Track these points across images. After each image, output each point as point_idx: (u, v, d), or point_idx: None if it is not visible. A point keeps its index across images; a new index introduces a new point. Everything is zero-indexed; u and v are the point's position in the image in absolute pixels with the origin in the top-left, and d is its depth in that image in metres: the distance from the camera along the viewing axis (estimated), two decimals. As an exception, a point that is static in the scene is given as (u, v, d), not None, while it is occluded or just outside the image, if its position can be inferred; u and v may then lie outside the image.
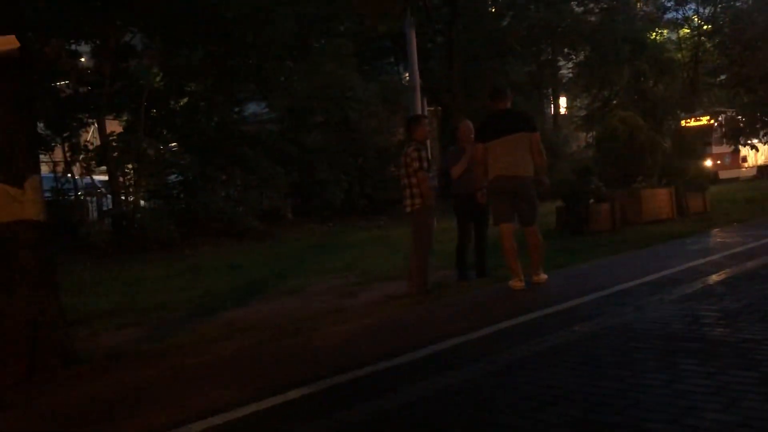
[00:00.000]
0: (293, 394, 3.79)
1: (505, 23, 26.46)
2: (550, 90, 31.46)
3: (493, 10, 26.92)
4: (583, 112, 32.05)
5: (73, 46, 16.36)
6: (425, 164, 6.68)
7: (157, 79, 17.36)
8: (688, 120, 25.93)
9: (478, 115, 7.34)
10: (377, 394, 3.70)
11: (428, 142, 8.49)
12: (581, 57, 29.52)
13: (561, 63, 31.19)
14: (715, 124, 25.33)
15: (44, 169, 15.73)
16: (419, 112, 14.47)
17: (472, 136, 7.25)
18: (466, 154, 7.12)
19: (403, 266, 7.26)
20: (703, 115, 25.68)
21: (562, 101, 34.55)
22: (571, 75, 31.55)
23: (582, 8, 28.38)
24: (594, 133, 24.83)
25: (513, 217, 6.60)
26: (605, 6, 27.90)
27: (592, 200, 11.54)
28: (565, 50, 29.57)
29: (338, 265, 9.48)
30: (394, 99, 21.39)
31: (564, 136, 29.28)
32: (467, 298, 6.55)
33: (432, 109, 21.12)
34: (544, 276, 6.70)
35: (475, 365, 4.08)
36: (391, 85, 23.18)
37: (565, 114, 34.64)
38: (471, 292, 6.82)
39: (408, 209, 6.72)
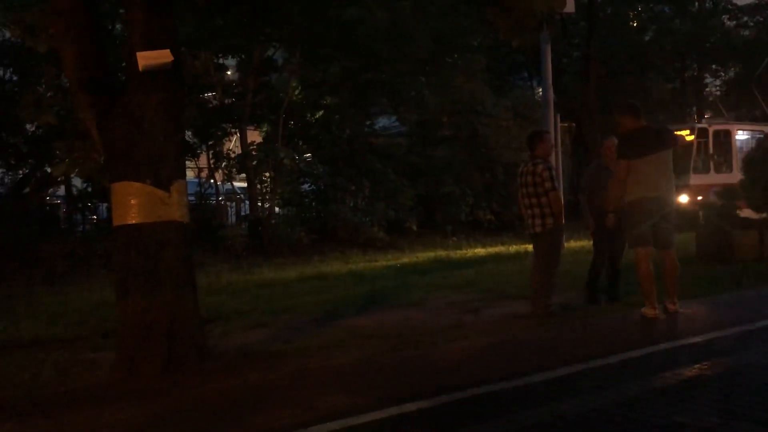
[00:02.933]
0: (410, 406, 3.80)
1: (647, 38, 25.31)
2: (693, 108, 29.73)
3: (635, 24, 25.84)
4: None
5: (220, 60, 17.44)
6: (556, 183, 6.49)
7: (296, 92, 18.13)
8: None
9: (616, 132, 7.04)
10: (495, 414, 3.64)
11: (552, 158, 8.24)
12: (730, 74, 27.64)
13: (708, 80, 29.37)
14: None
15: (189, 175, 16.85)
16: (551, 127, 14.12)
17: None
18: (618, 173, 6.59)
19: (526, 285, 7.10)
20: (682, 130, 18.32)
21: (707, 120, 32.48)
22: (718, 92, 29.63)
23: (734, 22, 26.59)
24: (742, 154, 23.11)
25: (651, 240, 6.26)
26: (761, 19, 25.99)
27: (737, 227, 10.73)
28: (713, 66, 27.82)
29: (460, 280, 9.42)
30: (525, 114, 21.03)
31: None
32: (595, 323, 6.29)
33: (565, 125, 20.58)
34: (678, 305, 6.31)
35: (599, 394, 3.90)
36: (523, 100, 22.80)
37: (710, 133, 32.52)
38: (600, 316, 6.54)
39: (538, 229, 6.52)
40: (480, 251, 14.23)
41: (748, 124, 20.64)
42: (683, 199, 17.42)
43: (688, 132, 18.51)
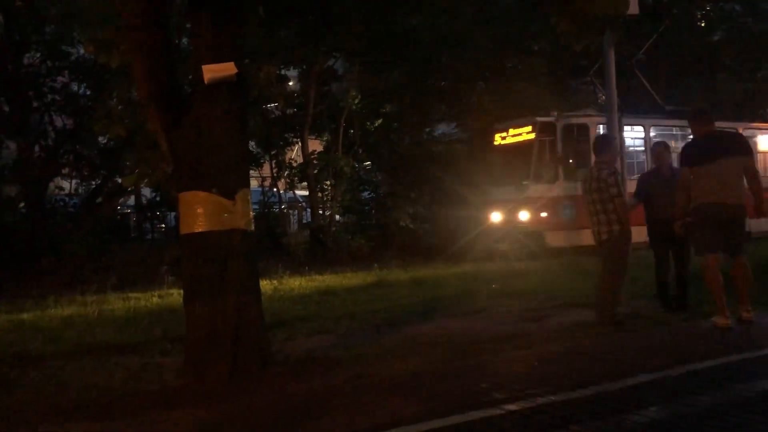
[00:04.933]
0: (474, 415, 3.77)
1: (716, 38, 24.48)
2: (767, 109, 28.53)
3: (703, 24, 25.02)
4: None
5: (282, 71, 17.79)
6: (622, 189, 6.36)
7: (356, 101, 18.32)
8: (504, 133, 15.54)
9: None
10: (559, 424, 3.57)
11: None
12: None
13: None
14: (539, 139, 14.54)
15: (253, 184, 17.25)
16: (616, 132, 13.79)
17: (668, 158, 7.00)
18: (681, 181, 6.34)
19: (591, 293, 6.95)
20: (523, 126, 15.04)
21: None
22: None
23: (810, 18, 25.42)
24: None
25: (719, 247, 6.05)
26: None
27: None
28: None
29: (524, 288, 9.28)
30: (588, 119, 20.64)
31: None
32: (662, 333, 6.10)
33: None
34: (753, 313, 6.06)
35: (668, 406, 3.78)
36: (587, 104, 22.36)
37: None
38: (668, 325, 6.35)
39: (604, 236, 6.39)
40: (544, 258, 13.98)
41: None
42: (523, 216, 14.16)
43: (529, 129, 14.80)
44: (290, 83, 18.77)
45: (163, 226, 19.55)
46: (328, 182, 17.73)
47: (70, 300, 10.09)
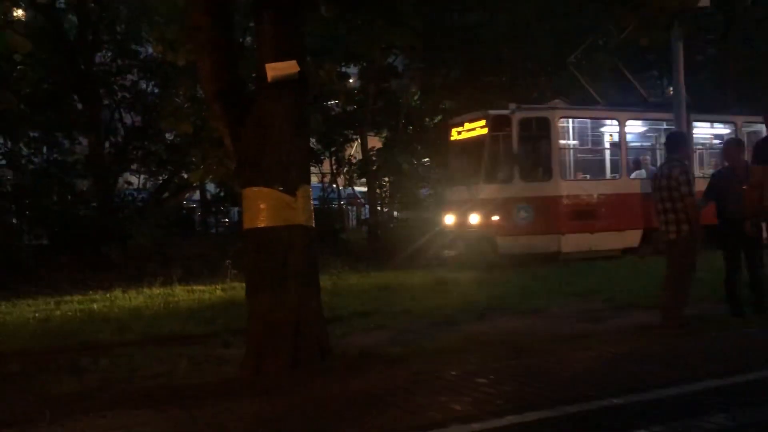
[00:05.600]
0: (531, 416, 3.73)
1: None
2: None
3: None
4: None
5: (343, 68, 17.94)
6: (693, 188, 6.16)
7: (415, 97, 18.32)
8: (460, 128, 14.20)
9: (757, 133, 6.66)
10: (618, 428, 3.50)
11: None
12: None
13: None
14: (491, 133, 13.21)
15: (313, 180, 17.42)
16: (683, 128, 13.39)
17: (742, 156, 6.73)
18: (754, 178, 6.24)
19: (655, 294, 6.76)
20: (477, 120, 13.72)
21: None
22: None
23: None
24: None
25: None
26: None
27: None
28: None
29: (583, 288, 9.11)
30: (654, 115, 20.05)
31: None
32: (732, 337, 5.89)
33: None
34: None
35: (735, 413, 3.65)
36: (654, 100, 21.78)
37: None
38: (738, 329, 6.12)
39: (673, 236, 6.21)
40: (605, 258, 13.67)
41: (586, 108, 14.64)
42: (473, 219, 13.09)
43: (482, 123, 13.44)
44: (350, 80, 18.92)
45: (227, 220, 20.01)
46: (386, 179, 17.80)
47: (137, 291, 10.45)
